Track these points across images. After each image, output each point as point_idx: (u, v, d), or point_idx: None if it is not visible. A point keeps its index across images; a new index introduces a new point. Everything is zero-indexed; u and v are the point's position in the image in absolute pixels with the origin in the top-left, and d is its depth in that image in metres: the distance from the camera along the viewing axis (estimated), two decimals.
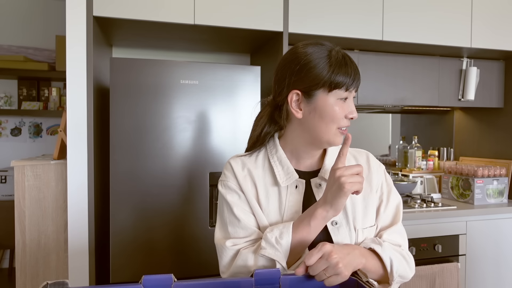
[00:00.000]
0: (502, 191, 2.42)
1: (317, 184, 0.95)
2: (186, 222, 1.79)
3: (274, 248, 0.84)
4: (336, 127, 0.90)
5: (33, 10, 3.59)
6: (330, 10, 2.05)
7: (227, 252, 0.90)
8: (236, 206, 0.93)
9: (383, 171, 1.02)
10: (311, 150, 0.96)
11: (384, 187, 1.00)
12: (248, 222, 0.92)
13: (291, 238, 0.84)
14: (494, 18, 2.34)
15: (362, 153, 1.03)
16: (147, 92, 1.72)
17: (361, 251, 0.85)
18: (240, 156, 1.01)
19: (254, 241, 0.91)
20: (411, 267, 0.93)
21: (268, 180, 0.96)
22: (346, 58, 0.90)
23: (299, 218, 0.88)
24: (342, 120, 0.90)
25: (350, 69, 0.89)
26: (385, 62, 2.37)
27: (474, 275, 2.23)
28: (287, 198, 0.93)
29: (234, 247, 0.90)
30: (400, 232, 0.97)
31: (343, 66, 0.88)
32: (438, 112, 3.05)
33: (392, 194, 1.00)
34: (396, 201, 1.00)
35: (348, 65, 0.89)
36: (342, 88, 0.88)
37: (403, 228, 0.99)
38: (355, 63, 0.91)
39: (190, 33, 2.02)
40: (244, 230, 0.91)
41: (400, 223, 0.98)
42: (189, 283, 0.76)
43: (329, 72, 0.87)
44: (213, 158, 1.80)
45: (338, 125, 0.90)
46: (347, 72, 0.88)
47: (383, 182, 1.00)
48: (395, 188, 1.03)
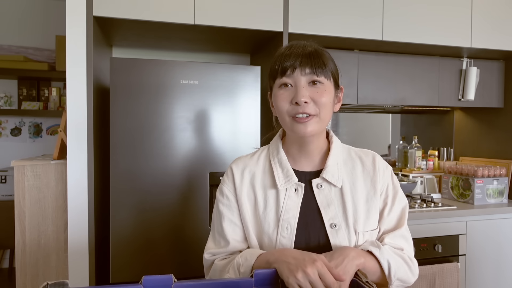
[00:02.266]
0: (502, 191, 2.42)
1: (318, 185, 0.94)
2: (186, 222, 1.79)
3: (236, 273, 0.87)
4: (288, 116, 0.89)
5: (33, 10, 3.59)
6: (330, 10, 2.05)
7: (206, 262, 0.99)
8: (225, 217, 0.97)
9: (390, 173, 0.99)
10: (304, 147, 0.95)
11: (389, 190, 0.97)
12: (231, 235, 0.95)
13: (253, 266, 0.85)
14: (494, 18, 2.34)
15: (369, 154, 1.00)
16: (147, 92, 1.72)
17: (357, 252, 0.84)
18: (242, 158, 1.02)
19: (231, 253, 0.95)
20: (413, 271, 0.92)
21: (268, 182, 0.96)
22: (293, 47, 0.90)
23: (269, 252, 0.85)
24: (289, 108, 0.88)
25: (287, 56, 0.89)
26: (385, 62, 2.37)
27: (474, 275, 2.23)
28: (285, 202, 0.93)
29: (211, 258, 0.97)
30: (404, 236, 0.95)
31: (282, 54, 0.90)
32: (438, 112, 3.05)
33: (397, 197, 0.97)
34: (402, 205, 0.97)
35: (286, 51, 0.89)
36: (279, 75, 0.89)
37: (408, 232, 0.96)
38: (308, 49, 0.89)
39: (190, 33, 2.02)
40: (225, 241, 0.95)
41: (404, 227, 0.95)
42: (189, 283, 0.76)
43: (271, 63, 0.92)
44: (213, 158, 1.80)
45: (289, 114, 0.88)
46: (282, 58, 0.89)
47: (389, 185, 0.97)
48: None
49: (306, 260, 0.76)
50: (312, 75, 0.87)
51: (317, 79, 0.87)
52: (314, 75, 0.87)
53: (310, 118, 0.87)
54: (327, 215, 0.91)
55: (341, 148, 0.99)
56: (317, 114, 0.88)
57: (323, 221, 0.91)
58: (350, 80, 2.29)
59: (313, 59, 0.87)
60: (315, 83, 0.88)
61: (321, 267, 0.74)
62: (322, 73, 0.87)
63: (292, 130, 0.90)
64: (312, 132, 0.88)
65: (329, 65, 0.90)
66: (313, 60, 0.87)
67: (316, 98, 0.87)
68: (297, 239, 0.91)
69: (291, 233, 0.91)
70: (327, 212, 0.92)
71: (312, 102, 0.87)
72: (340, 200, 0.93)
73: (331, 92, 0.90)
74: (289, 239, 0.90)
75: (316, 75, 0.87)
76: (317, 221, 0.92)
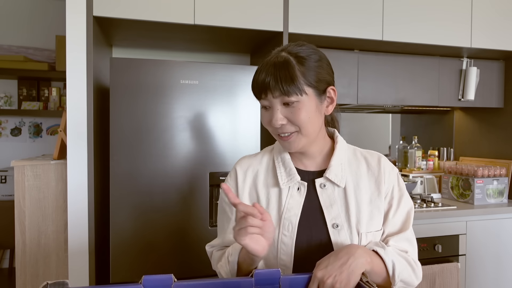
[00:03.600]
0: (502, 191, 2.42)
1: (322, 184, 0.93)
2: (186, 222, 1.79)
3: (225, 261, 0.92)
4: (274, 133, 0.91)
5: (33, 10, 3.59)
6: (330, 10, 2.05)
7: (208, 254, 1.04)
8: (225, 215, 1.00)
9: (396, 175, 0.97)
10: (304, 151, 0.95)
11: (395, 192, 0.95)
12: (229, 231, 0.97)
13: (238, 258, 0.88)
14: (494, 18, 2.34)
15: (374, 155, 0.99)
16: (147, 92, 1.72)
17: (363, 249, 0.83)
18: (247, 157, 1.03)
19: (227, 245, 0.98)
20: (417, 274, 0.91)
21: (270, 181, 0.96)
22: (262, 65, 0.87)
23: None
24: (271, 128, 0.89)
25: (260, 75, 0.86)
26: (385, 62, 2.37)
27: (474, 275, 2.23)
28: (287, 200, 0.93)
29: (210, 250, 1.03)
30: (409, 239, 0.94)
31: (257, 73, 0.88)
32: (438, 112, 3.05)
33: (403, 200, 0.95)
34: (407, 207, 0.96)
35: (260, 70, 0.87)
36: (256, 96, 0.89)
37: (413, 236, 0.95)
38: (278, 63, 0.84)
39: (190, 33, 2.02)
40: (223, 236, 0.99)
41: (409, 230, 0.94)
42: (189, 283, 0.76)
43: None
44: (213, 158, 1.80)
45: (273, 133, 0.91)
46: (256, 79, 0.87)
47: (395, 187, 0.96)
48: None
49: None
50: (283, 96, 0.84)
51: (288, 100, 0.84)
52: (285, 97, 0.84)
53: (291, 136, 0.88)
54: (330, 215, 0.91)
55: (345, 148, 0.98)
56: (298, 130, 0.88)
57: (326, 221, 0.91)
58: (350, 80, 2.29)
59: (280, 79, 0.83)
60: (288, 104, 0.85)
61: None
62: (293, 91, 0.83)
63: (281, 146, 0.95)
64: (297, 147, 0.90)
65: (302, 77, 0.85)
66: (281, 81, 0.83)
67: (291, 118, 0.86)
68: (298, 238, 0.91)
69: (292, 231, 0.91)
70: (330, 212, 0.91)
71: (289, 122, 0.87)
72: (343, 200, 0.92)
73: (309, 105, 0.86)
74: (290, 237, 0.91)
75: (286, 96, 0.84)
76: (320, 221, 0.92)
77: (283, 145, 0.91)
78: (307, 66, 0.86)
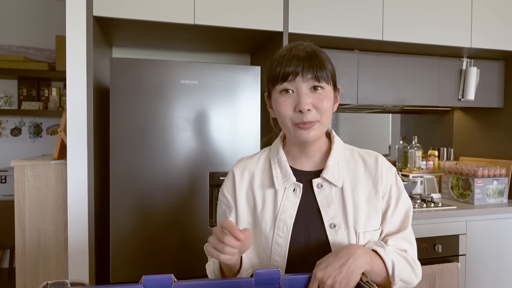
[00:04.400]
0: (502, 191, 2.42)
1: (319, 184, 0.93)
2: (186, 222, 1.79)
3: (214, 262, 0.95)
4: (290, 123, 0.88)
5: (34, 10, 3.59)
6: (330, 10, 2.05)
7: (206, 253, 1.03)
8: (222, 216, 1.01)
9: (394, 175, 0.97)
10: (304, 148, 0.95)
11: (393, 191, 0.95)
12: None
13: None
14: (494, 18, 2.34)
15: (372, 154, 0.99)
16: (147, 92, 1.72)
17: (363, 249, 0.83)
18: (244, 159, 1.04)
19: None
20: (416, 273, 0.91)
21: (266, 182, 0.96)
22: (293, 50, 0.88)
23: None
24: (292, 115, 0.87)
25: (288, 60, 0.87)
26: (385, 62, 2.37)
27: (474, 275, 2.23)
28: (282, 202, 0.93)
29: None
30: (408, 238, 0.94)
31: (282, 58, 0.88)
32: (438, 112, 3.05)
33: (401, 199, 0.95)
34: (406, 207, 0.95)
35: (287, 56, 0.88)
36: (280, 80, 0.88)
37: (412, 235, 0.95)
38: (308, 52, 0.88)
39: (190, 33, 2.02)
40: None
41: (408, 230, 0.94)
42: (189, 283, 0.76)
43: (271, 67, 0.90)
44: (213, 158, 1.80)
45: (292, 121, 0.88)
46: (283, 63, 0.87)
47: (393, 186, 0.96)
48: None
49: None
50: (314, 81, 0.86)
51: (319, 84, 0.87)
52: (316, 81, 0.86)
53: (313, 124, 0.87)
54: (327, 215, 0.91)
55: (342, 148, 0.98)
56: (319, 120, 0.88)
57: (323, 221, 0.91)
58: (350, 80, 2.29)
59: (314, 64, 0.86)
60: (317, 88, 0.87)
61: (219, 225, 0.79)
62: (323, 78, 0.87)
63: (294, 136, 0.90)
64: (315, 137, 0.89)
65: (328, 68, 0.89)
66: (314, 65, 0.86)
67: (318, 104, 0.86)
68: (296, 239, 0.91)
69: (287, 232, 0.91)
70: (327, 212, 0.91)
71: (314, 109, 0.86)
72: (340, 200, 0.92)
73: (331, 96, 0.90)
74: (284, 238, 0.91)
75: (318, 81, 0.86)
76: (317, 221, 0.92)
77: (300, 134, 0.88)
78: (329, 61, 0.91)
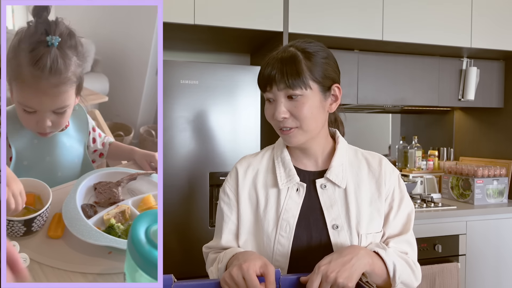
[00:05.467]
0: (502, 191, 2.42)
1: (322, 185, 0.93)
2: (186, 222, 1.79)
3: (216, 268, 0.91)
4: (276, 128, 0.91)
5: None
6: (330, 10, 2.05)
7: (204, 255, 1.05)
8: (224, 214, 0.99)
9: (397, 177, 0.97)
10: (305, 149, 0.95)
11: (396, 194, 0.95)
12: (226, 232, 0.97)
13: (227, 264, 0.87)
14: (494, 18, 2.34)
15: (376, 156, 0.98)
16: None
17: (366, 251, 0.83)
18: (247, 157, 1.03)
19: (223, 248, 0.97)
20: (416, 276, 0.91)
21: (270, 181, 0.96)
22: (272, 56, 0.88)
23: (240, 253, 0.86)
24: (273, 122, 0.89)
25: (266, 69, 0.87)
26: (385, 62, 2.37)
27: (474, 275, 2.23)
28: (285, 201, 0.93)
29: (206, 251, 1.03)
30: (409, 241, 0.94)
31: (263, 66, 0.89)
32: (438, 112, 3.05)
33: (404, 202, 0.95)
34: (408, 210, 0.95)
35: (267, 64, 0.88)
36: (261, 89, 0.89)
37: (414, 238, 0.95)
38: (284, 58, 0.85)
39: (190, 33, 2.02)
40: (220, 237, 0.98)
41: (410, 233, 0.94)
42: (189, 283, 0.76)
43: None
44: (213, 158, 1.80)
45: (275, 127, 0.91)
46: (262, 72, 0.88)
47: (396, 189, 0.95)
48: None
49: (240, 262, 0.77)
50: (287, 89, 0.84)
51: (293, 92, 0.84)
52: (290, 89, 0.84)
53: (291, 130, 0.88)
54: (330, 215, 0.91)
55: (347, 148, 0.98)
56: (298, 126, 0.87)
57: (326, 222, 0.91)
58: (350, 80, 2.29)
59: (287, 72, 0.84)
60: (291, 97, 0.86)
61: (246, 270, 0.74)
62: (298, 85, 0.84)
63: (282, 140, 0.94)
64: (298, 142, 0.90)
65: (308, 72, 0.85)
66: (286, 73, 0.84)
67: (294, 112, 0.86)
68: (298, 239, 0.91)
69: (290, 232, 0.91)
70: (330, 212, 0.91)
71: (291, 116, 0.86)
72: (343, 201, 0.92)
73: (313, 101, 0.86)
74: (287, 238, 0.91)
75: (291, 89, 0.84)
76: (320, 221, 0.92)
77: (284, 139, 0.91)
78: (313, 62, 0.86)
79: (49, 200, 1.01)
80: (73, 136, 1.34)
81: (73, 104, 1.16)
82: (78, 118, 1.36)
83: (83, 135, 1.38)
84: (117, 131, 2.62)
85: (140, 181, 1.24)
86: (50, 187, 1.05)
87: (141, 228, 0.71)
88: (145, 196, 1.13)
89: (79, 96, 1.19)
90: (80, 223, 0.96)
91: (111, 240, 0.92)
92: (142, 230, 0.70)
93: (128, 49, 2.70)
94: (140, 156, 1.42)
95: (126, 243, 0.72)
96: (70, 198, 1.04)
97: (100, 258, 0.94)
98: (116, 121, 2.78)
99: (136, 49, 2.66)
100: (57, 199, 1.06)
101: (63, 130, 1.29)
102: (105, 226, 1.00)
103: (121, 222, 1.02)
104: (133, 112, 2.85)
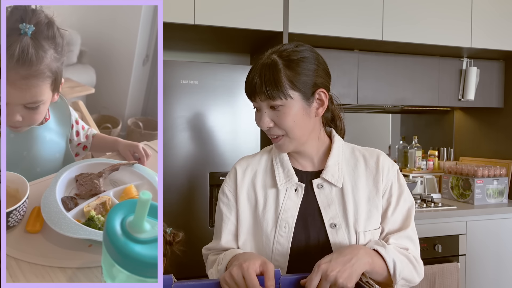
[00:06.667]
0: (502, 191, 2.42)
1: (319, 185, 0.93)
2: (186, 222, 1.78)
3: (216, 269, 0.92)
4: (267, 134, 0.92)
5: None
6: (330, 10, 2.05)
7: (203, 256, 1.06)
8: (223, 215, 0.99)
9: (396, 172, 0.96)
10: (300, 151, 0.95)
11: (394, 189, 0.94)
12: (225, 233, 0.98)
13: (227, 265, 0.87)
14: (494, 18, 2.34)
15: (374, 153, 0.98)
16: None
17: (366, 250, 0.83)
18: (246, 157, 1.04)
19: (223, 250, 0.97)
20: (418, 272, 0.91)
21: (268, 181, 0.96)
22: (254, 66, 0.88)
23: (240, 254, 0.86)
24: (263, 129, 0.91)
25: (249, 76, 0.89)
26: (385, 62, 2.37)
27: (474, 275, 2.23)
28: (284, 201, 0.93)
29: (206, 252, 1.04)
30: (410, 236, 0.93)
31: (249, 72, 0.90)
32: (438, 112, 3.05)
33: (403, 197, 0.94)
34: (408, 205, 0.94)
35: (250, 73, 0.89)
36: (248, 98, 0.91)
37: (415, 233, 0.94)
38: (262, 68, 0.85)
39: (190, 33, 2.02)
40: (219, 239, 0.98)
41: (411, 228, 0.93)
42: (189, 283, 0.76)
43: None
44: (213, 158, 1.80)
45: (266, 133, 0.92)
46: (247, 79, 0.89)
47: (394, 184, 0.95)
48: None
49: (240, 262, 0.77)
50: (268, 100, 0.85)
51: (274, 103, 0.85)
52: (270, 100, 0.85)
53: (279, 138, 0.89)
54: (327, 215, 0.91)
55: (342, 147, 0.98)
56: (284, 134, 0.88)
57: (324, 221, 0.91)
58: (350, 80, 2.29)
59: (265, 83, 0.84)
60: (274, 107, 0.86)
61: (246, 269, 0.74)
62: (277, 95, 0.84)
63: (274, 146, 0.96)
64: (288, 150, 0.92)
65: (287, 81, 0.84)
66: (265, 85, 0.84)
67: (277, 122, 0.87)
68: (297, 239, 0.91)
69: (289, 232, 0.91)
70: (327, 212, 0.91)
71: (276, 126, 0.88)
72: (340, 200, 0.92)
73: (296, 109, 0.86)
74: (286, 238, 0.91)
75: (272, 100, 0.84)
76: (318, 221, 0.92)
77: (275, 146, 0.94)
78: (294, 70, 0.85)
79: (26, 193, 0.95)
80: (54, 130, 1.27)
81: (48, 100, 1.09)
82: (59, 110, 1.29)
83: (65, 128, 1.32)
84: (104, 123, 2.56)
85: (123, 172, 1.19)
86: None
87: (116, 219, 0.65)
88: (126, 186, 1.10)
89: (57, 92, 1.12)
90: (58, 216, 0.91)
91: (90, 233, 0.87)
92: (117, 221, 0.64)
93: (114, 40, 2.61)
94: (123, 146, 1.37)
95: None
96: (50, 191, 0.98)
97: (80, 251, 0.90)
98: (103, 113, 2.72)
99: (123, 39, 2.58)
100: (37, 192, 1.02)
101: (43, 123, 1.22)
102: (85, 218, 0.96)
103: (101, 214, 0.99)
104: (121, 104, 2.78)
